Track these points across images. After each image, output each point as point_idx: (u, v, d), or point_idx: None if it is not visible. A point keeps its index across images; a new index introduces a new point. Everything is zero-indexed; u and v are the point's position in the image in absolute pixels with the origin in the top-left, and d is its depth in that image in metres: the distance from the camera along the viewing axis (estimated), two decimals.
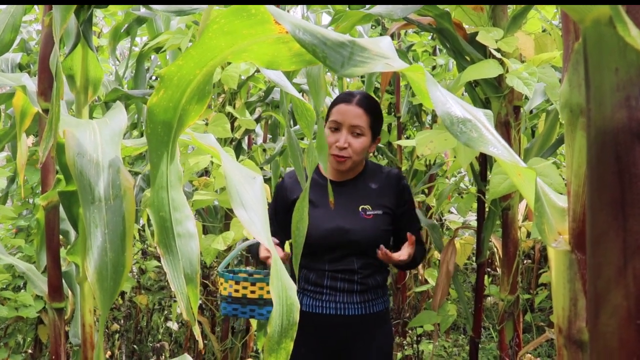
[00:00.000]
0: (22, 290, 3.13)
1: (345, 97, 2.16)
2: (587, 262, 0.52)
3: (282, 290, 1.01)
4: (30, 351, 3.47)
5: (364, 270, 2.14)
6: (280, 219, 2.20)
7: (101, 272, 1.08)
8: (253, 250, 2.20)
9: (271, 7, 0.81)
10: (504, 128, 2.27)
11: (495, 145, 0.72)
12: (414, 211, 2.28)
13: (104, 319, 1.11)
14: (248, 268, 2.36)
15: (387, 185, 2.22)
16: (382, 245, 2.04)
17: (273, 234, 2.15)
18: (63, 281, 1.90)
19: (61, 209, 1.72)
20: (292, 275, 1.34)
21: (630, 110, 0.46)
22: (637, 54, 0.44)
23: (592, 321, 0.51)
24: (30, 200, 3.51)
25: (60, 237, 2.02)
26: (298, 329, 2.19)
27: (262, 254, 2.07)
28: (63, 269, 2.08)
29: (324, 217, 2.10)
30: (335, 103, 2.16)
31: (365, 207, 2.16)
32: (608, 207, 0.48)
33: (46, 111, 1.70)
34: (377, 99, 4.04)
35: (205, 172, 3.54)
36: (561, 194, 0.83)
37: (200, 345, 1.01)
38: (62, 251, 1.94)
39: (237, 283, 2.03)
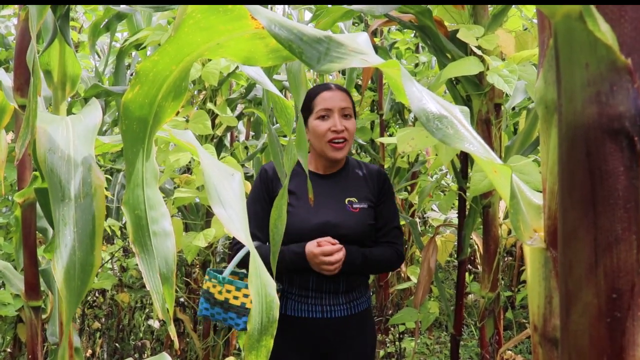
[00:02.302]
0: (1, 289, 3.10)
1: (324, 86, 2.15)
2: (559, 259, 0.52)
3: (262, 287, 1.00)
4: (9, 350, 3.44)
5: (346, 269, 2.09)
6: (266, 212, 2.11)
7: (69, 272, 1.06)
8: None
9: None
10: (485, 126, 2.27)
11: (471, 142, 0.72)
12: (393, 207, 2.26)
13: (69, 319, 1.09)
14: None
15: (369, 179, 2.22)
16: (329, 238, 2.03)
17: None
18: (40, 279, 1.87)
19: (38, 206, 1.70)
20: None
21: (600, 105, 0.45)
22: (607, 49, 0.44)
23: (563, 319, 0.51)
24: (10, 198, 3.47)
25: (40, 234, 1.99)
26: (283, 333, 2.17)
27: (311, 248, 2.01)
28: (42, 266, 2.05)
29: (312, 211, 2.07)
30: (316, 93, 2.13)
31: (352, 199, 2.14)
32: (579, 204, 0.48)
33: (23, 107, 1.68)
34: (359, 95, 4.07)
35: (187, 170, 3.53)
36: (540, 191, 0.83)
37: (176, 345, 0.99)
38: (41, 249, 1.91)
39: (222, 286, 2.05)
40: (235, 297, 2.03)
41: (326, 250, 1.98)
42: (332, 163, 2.17)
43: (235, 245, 2.17)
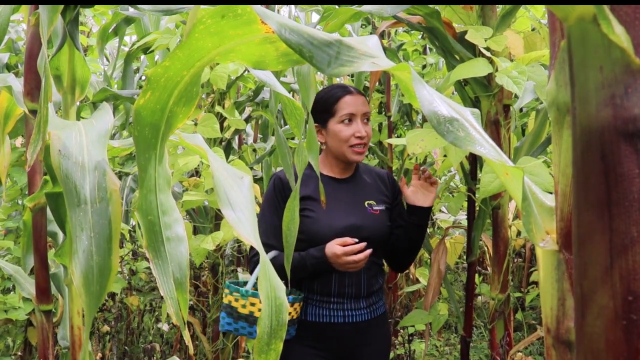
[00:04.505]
0: (12, 293, 3.11)
1: (345, 89, 2.14)
2: (573, 262, 0.52)
3: (271, 290, 1.00)
4: (20, 354, 3.45)
5: (369, 271, 2.10)
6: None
7: (87, 276, 1.07)
8: (277, 262, 2.06)
9: (257, 7, 0.80)
10: (494, 127, 2.27)
11: (483, 145, 0.72)
12: (402, 206, 2.29)
13: (89, 323, 1.10)
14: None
15: (381, 181, 2.24)
16: (347, 238, 1.99)
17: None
18: (51, 283, 1.88)
19: (49, 210, 1.71)
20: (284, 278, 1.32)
21: (615, 108, 0.45)
22: (621, 51, 0.44)
23: (578, 322, 0.51)
24: (20, 202, 3.49)
25: (49, 238, 2.00)
26: (303, 340, 2.08)
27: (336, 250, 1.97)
28: (51, 270, 2.06)
29: (335, 215, 2.06)
30: (338, 96, 2.11)
31: (371, 202, 2.15)
32: (593, 206, 0.48)
33: (33, 112, 1.69)
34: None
35: (196, 173, 3.53)
36: (551, 193, 0.83)
37: (191, 350, 1.00)
38: (50, 253, 1.92)
39: (245, 299, 1.95)
40: (260, 310, 1.93)
41: (349, 250, 1.95)
42: (347, 166, 2.18)
43: (254, 257, 2.11)
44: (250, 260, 2.14)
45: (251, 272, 2.10)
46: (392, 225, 2.20)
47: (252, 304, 1.94)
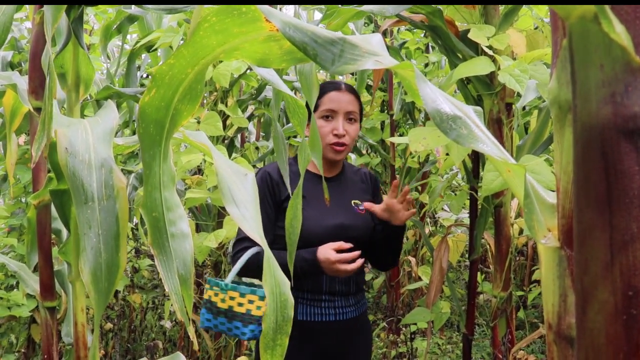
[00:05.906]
0: (15, 290, 3.12)
1: (334, 85, 2.12)
2: (574, 258, 0.52)
3: (276, 286, 1.01)
4: (23, 350, 3.47)
5: (358, 269, 2.08)
6: (270, 218, 2.07)
7: (95, 273, 1.08)
8: (260, 259, 1.92)
9: (261, 5, 0.81)
10: (496, 125, 2.27)
11: (485, 142, 0.72)
12: None
13: (98, 320, 1.11)
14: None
15: (365, 182, 2.27)
16: (342, 243, 1.98)
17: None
18: (55, 280, 1.89)
19: (53, 207, 1.72)
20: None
21: (615, 106, 0.46)
22: (622, 50, 0.45)
23: (579, 317, 0.51)
24: (23, 199, 3.50)
25: (53, 236, 2.01)
26: (296, 340, 2.08)
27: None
28: (55, 267, 2.07)
29: (324, 213, 2.06)
30: (324, 91, 2.10)
31: (357, 202, 2.16)
32: (594, 203, 0.48)
33: (37, 109, 1.70)
34: (369, 96, 4.07)
35: (198, 171, 3.54)
36: (553, 190, 0.83)
37: (195, 346, 1.00)
38: (54, 250, 1.93)
39: (225, 293, 1.87)
40: (240, 304, 1.86)
41: (344, 258, 1.94)
42: (331, 165, 2.17)
43: (237, 253, 2.05)
44: (233, 257, 2.08)
45: None
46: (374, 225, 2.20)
47: (232, 298, 1.86)
